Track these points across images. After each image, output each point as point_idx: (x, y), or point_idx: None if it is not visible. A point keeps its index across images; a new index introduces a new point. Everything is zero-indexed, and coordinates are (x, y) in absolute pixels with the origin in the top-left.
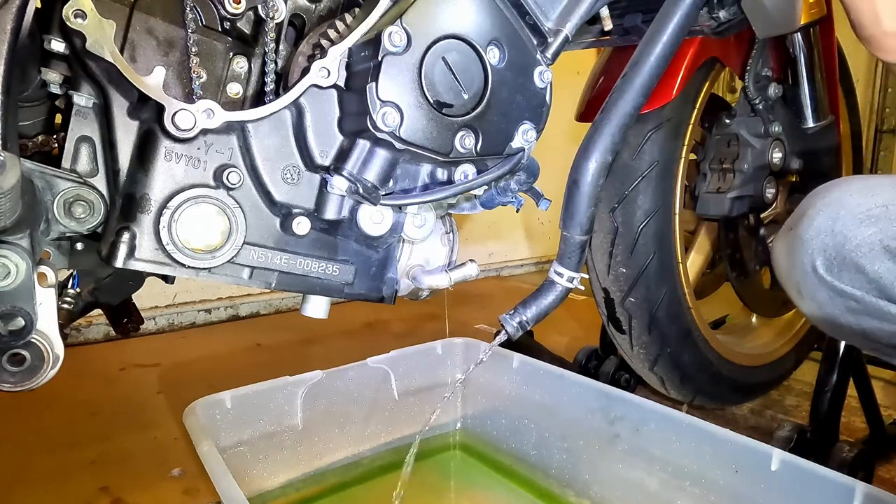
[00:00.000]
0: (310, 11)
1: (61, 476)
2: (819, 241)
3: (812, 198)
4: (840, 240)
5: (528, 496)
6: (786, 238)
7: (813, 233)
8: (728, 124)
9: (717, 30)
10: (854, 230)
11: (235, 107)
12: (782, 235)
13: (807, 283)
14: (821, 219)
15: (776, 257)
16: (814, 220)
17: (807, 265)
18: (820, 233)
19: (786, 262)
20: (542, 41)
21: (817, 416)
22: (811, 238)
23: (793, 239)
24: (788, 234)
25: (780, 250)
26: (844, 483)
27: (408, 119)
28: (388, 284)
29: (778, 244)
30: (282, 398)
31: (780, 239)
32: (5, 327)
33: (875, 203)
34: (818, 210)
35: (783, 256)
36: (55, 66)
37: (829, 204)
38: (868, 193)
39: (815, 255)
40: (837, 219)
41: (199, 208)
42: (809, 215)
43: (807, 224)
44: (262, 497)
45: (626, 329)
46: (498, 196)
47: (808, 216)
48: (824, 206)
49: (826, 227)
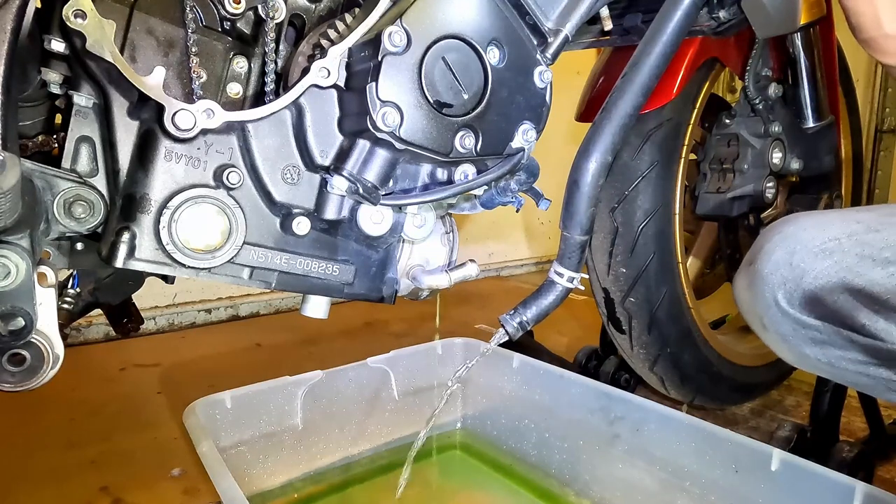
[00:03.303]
0: (310, 11)
1: (61, 476)
2: (779, 276)
3: (767, 233)
4: (799, 273)
5: (528, 496)
6: (746, 273)
7: (772, 267)
8: (728, 124)
9: (717, 30)
10: (811, 263)
11: (235, 107)
12: (742, 271)
13: (770, 317)
14: (778, 253)
15: (738, 291)
16: (771, 254)
17: (769, 299)
18: (779, 267)
19: (748, 297)
20: (542, 41)
21: (817, 416)
22: (770, 272)
23: (753, 274)
24: (748, 269)
25: (742, 285)
26: (844, 483)
27: (408, 119)
28: (388, 284)
29: (739, 279)
30: (282, 398)
31: (740, 274)
32: (5, 327)
33: (828, 237)
34: (775, 245)
35: (744, 291)
36: (55, 66)
37: (785, 238)
38: (820, 228)
39: (775, 289)
40: (794, 252)
41: (199, 208)
42: (767, 250)
43: (765, 259)
44: (262, 497)
45: (626, 329)
46: (498, 196)
47: (765, 251)
48: (781, 241)
49: (784, 260)
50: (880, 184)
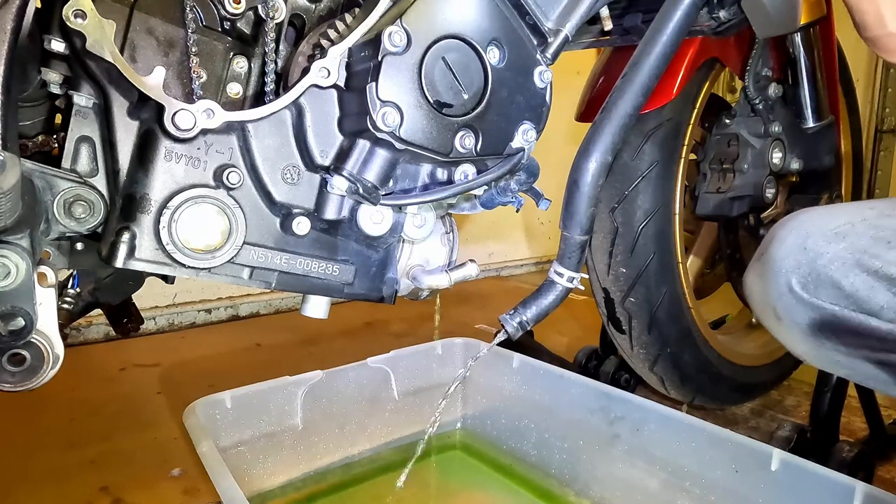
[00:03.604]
0: (310, 11)
1: (61, 476)
2: (793, 260)
3: (779, 225)
4: (812, 256)
5: (529, 496)
6: (757, 265)
7: (785, 252)
8: (728, 124)
9: (717, 30)
10: (825, 246)
11: (235, 107)
12: (753, 264)
13: (784, 304)
14: (791, 238)
15: (749, 286)
16: (784, 240)
17: (782, 285)
18: (793, 251)
19: (760, 288)
20: (542, 41)
21: (817, 416)
22: (784, 257)
23: (765, 262)
24: (760, 259)
25: (753, 278)
26: (844, 483)
27: (408, 119)
28: (388, 284)
29: (749, 274)
30: (282, 398)
31: (751, 268)
32: (5, 327)
33: (840, 222)
34: (788, 230)
35: (756, 283)
36: (55, 66)
37: (798, 226)
38: (832, 215)
39: (789, 275)
40: (808, 237)
41: (199, 208)
42: (779, 237)
43: (778, 245)
44: (262, 497)
45: (626, 329)
46: (498, 196)
47: (778, 238)
48: (794, 228)
49: (797, 245)
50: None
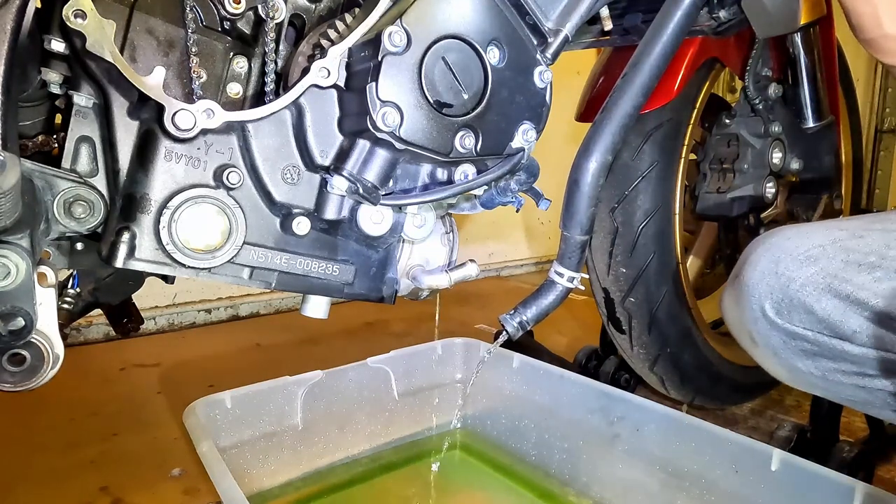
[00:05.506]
0: (310, 11)
1: (61, 476)
2: (765, 285)
3: (751, 247)
4: (784, 281)
5: (529, 496)
6: (732, 288)
7: (758, 277)
8: (728, 124)
9: (717, 30)
10: (797, 270)
11: (235, 107)
12: (729, 286)
13: (759, 329)
14: (763, 263)
15: (725, 309)
16: (756, 265)
17: (756, 311)
18: (765, 276)
19: (735, 312)
20: (542, 41)
21: (817, 416)
22: (756, 282)
23: (739, 287)
24: (734, 283)
25: (729, 301)
26: (844, 483)
27: (408, 119)
28: (388, 284)
29: (725, 296)
30: (282, 398)
31: (727, 290)
32: (5, 327)
33: (811, 244)
34: (759, 255)
35: (732, 307)
36: (55, 66)
37: (769, 249)
38: (803, 237)
39: (762, 300)
40: (779, 261)
41: (199, 208)
42: (751, 261)
43: (750, 270)
44: (262, 497)
45: (626, 329)
46: (498, 196)
47: (749, 262)
48: (765, 252)
49: (769, 269)
50: (880, 184)
